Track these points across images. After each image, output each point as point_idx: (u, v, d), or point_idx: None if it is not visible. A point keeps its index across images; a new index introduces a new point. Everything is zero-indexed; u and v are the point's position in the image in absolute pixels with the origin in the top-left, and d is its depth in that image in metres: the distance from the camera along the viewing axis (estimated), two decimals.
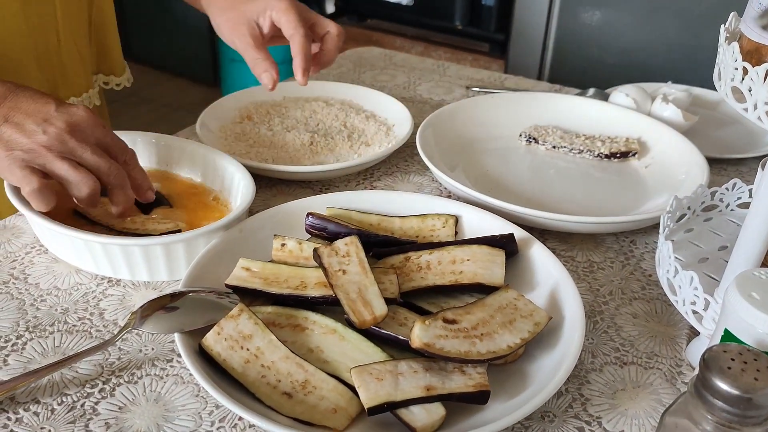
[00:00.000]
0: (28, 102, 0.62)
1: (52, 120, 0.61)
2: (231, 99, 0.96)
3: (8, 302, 0.62)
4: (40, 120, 0.61)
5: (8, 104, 0.62)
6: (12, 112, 0.61)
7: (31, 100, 0.62)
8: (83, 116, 0.63)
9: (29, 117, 0.61)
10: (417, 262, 0.62)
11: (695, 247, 0.67)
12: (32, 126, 0.60)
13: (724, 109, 1.05)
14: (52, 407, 0.52)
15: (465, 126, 0.92)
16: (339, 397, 0.51)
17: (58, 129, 0.60)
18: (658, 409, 0.54)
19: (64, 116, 0.61)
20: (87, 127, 0.62)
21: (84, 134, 0.62)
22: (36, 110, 0.61)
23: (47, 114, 0.61)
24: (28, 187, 0.60)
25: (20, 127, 0.60)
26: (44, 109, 0.61)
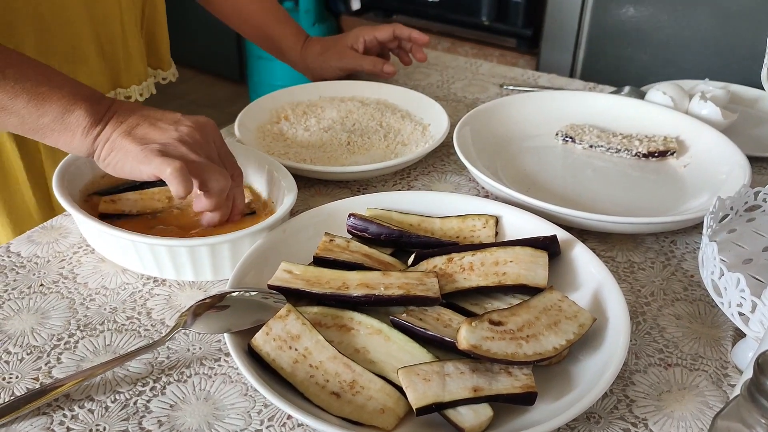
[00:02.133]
0: (156, 111, 0.66)
1: (182, 121, 0.65)
2: (268, 99, 0.97)
3: (59, 301, 0.64)
4: (170, 121, 0.64)
5: (141, 112, 0.65)
6: (144, 117, 0.64)
7: (159, 110, 0.66)
8: (209, 122, 0.67)
9: (160, 120, 0.64)
10: (460, 263, 0.62)
11: (738, 248, 0.67)
12: (164, 125, 0.64)
13: (763, 106, 1.04)
14: (106, 405, 0.54)
15: (501, 125, 0.92)
16: (387, 398, 0.52)
17: (189, 127, 0.64)
18: (705, 412, 0.54)
19: (191, 119, 0.65)
20: (211, 131, 0.66)
21: (208, 136, 0.66)
22: (164, 116, 0.65)
23: (175, 118, 0.65)
24: (170, 167, 0.59)
25: (154, 126, 0.63)
26: (172, 115, 0.65)
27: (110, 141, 0.63)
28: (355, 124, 0.92)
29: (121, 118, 0.64)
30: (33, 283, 0.66)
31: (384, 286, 0.59)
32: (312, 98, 0.99)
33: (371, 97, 1.00)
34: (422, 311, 0.58)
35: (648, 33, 1.60)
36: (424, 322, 0.57)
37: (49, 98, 0.62)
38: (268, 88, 0.97)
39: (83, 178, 0.73)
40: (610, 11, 1.64)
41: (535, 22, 2.02)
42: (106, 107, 0.64)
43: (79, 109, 0.63)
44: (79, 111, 0.63)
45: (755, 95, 1.05)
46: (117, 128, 0.63)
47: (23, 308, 0.63)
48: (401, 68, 1.18)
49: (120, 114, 0.64)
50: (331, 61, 1.03)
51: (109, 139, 0.63)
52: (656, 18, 1.58)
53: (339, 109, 0.95)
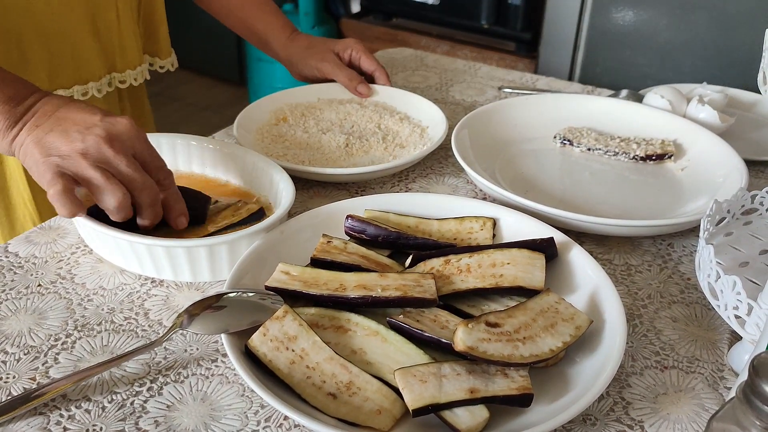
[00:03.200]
0: (76, 112, 0.63)
1: (93, 128, 0.62)
2: (266, 101, 0.97)
3: (57, 301, 0.64)
4: (82, 128, 0.62)
5: (59, 114, 0.63)
6: (59, 121, 0.63)
7: (80, 111, 0.64)
8: (126, 127, 0.63)
9: (74, 125, 0.62)
10: (457, 265, 0.63)
11: (735, 251, 0.67)
12: (74, 133, 0.62)
13: (760, 110, 1.04)
14: (102, 405, 0.54)
15: (499, 128, 0.92)
16: (383, 399, 0.52)
17: (97, 136, 0.61)
18: (701, 414, 0.54)
19: (106, 125, 0.62)
20: (127, 138, 0.63)
21: (123, 145, 0.62)
22: (81, 119, 0.63)
23: (90, 122, 0.62)
24: (52, 189, 0.59)
25: (63, 134, 0.62)
26: (89, 118, 0.63)
27: (23, 146, 0.62)
28: (354, 126, 0.93)
29: (38, 121, 0.63)
30: (31, 283, 0.66)
31: (381, 288, 0.59)
32: (311, 100, 0.99)
33: (369, 100, 1.00)
34: (419, 313, 0.58)
35: (646, 37, 1.60)
36: (421, 323, 0.57)
37: None
38: (268, 91, 0.97)
39: None
40: (608, 15, 1.64)
41: (534, 26, 2.03)
42: (25, 108, 0.64)
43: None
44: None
45: (752, 99, 1.06)
46: (31, 133, 0.62)
47: (21, 308, 0.63)
48: (400, 70, 1.18)
49: (38, 117, 0.63)
50: (312, 59, 1.01)
51: (22, 144, 0.62)
52: (654, 22, 1.58)
53: (337, 111, 0.95)
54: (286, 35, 1.05)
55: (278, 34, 1.05)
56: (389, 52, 1.26)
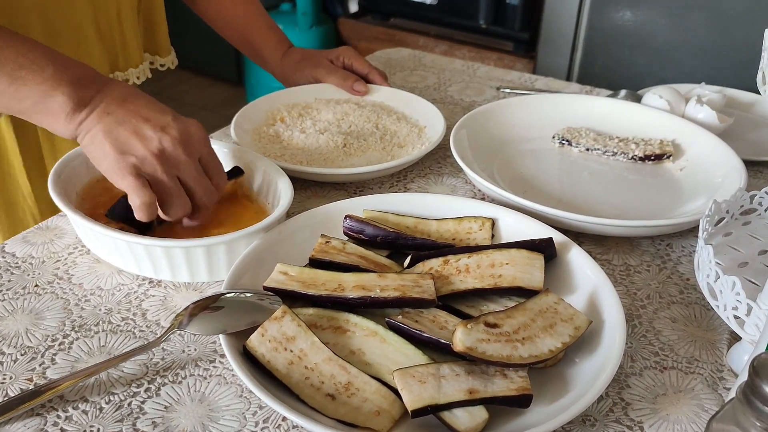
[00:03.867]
0: (147, 108, 0.63)
1: (168, 129, 0.62)
2: (264, 101, 0.97)
3: (54, 302, 0.64)
4: (157, 127, 0.62)
5: (128, 106, 0.62)
6: (131, 114, 0.62)
7: (150, 107, 0.63)
8: (196, 130, 0.64)
9: (147, 123, 0.62)
10: (456, 266, 0.62)
11: (734, 251, 0.67)
12: (148, 132, 0.61)
13: (758, 110, 1.04)
14: (100, 406, 0.54)
15: (498, 128, 0.92)
16: (382, 400, 0.52)
17: (173, 138, 0.62)
18: (700, 415, 0.54)
19: (180, 127, 0.63)
20: (197, 142, 0.64)
21: (192, 149, 0.63)
22: (154, 117, 0.62)
23: (165, 122, 0.62)
24: (140, 200, 0.61)
25: (138, 131, 0.61)
26: (162, 117, 0.62)
27: (92, 133, 0.61)
28: (351, 126, 0.92)
29: (108, 108, 0.62)
30: (28, 283, 0.66)
31: (380, 288, 0.59)
32: (308, 100, 0.99)
33: (367, 100, 1.00)
34: (418, 313, 0.58)
35: (644, 37, 1.61)
36: (420, 324, 0.57)
37: (28, 82, 0.61)
38: (265, 91, 0.97)
39: (80, 179, 0.73)
40: (606, 15, 1.64)
41: (532, 26, 2.03)
42: (94, 91, 0.63)
43: (61, 94, 0.61)
44: (60, 96, 0.61)
45: (751, 99, 1.06)
46: (101, 120, 0.61)
47: (17, 309, 0.63)
48: (398, 70, 1.18)
49: (107, 104, 0.62)
50: (306, 68, 1.03)
51: (90, 131, 0.61)
52: (653, 22, 1.58)
53: (335, 111, 0.95)
54: (281, 51, 1.06)
55: (274, 51, 1.06)
56: (387, 52, 1.26)
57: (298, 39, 2.53)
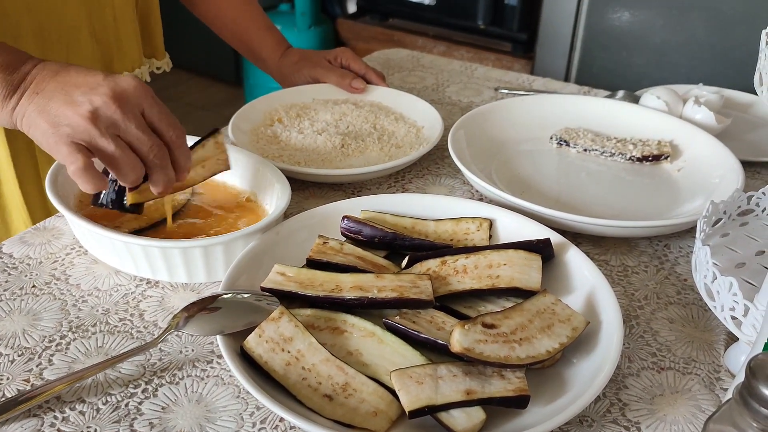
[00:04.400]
0: (77, 75, 0.60)
1: (99, 88, 0.59)
2: (261, 101, 0.97)
3: (51, 302, 0.64)
4: (86, 89, 0.59)
5: (59, 78, 0.60)
6: (60, 86, 0.60)
7: (80, 74, 0.60)
8: (131, 85, 0.60)
9: (77, 88, 0.59)
10: (453, 266, 0.62)
11: (731, 252, 0.67)
12: (78, 96, 0.58)
13: (756, 111, 1.04)
14: (97, 407, 0.53)
15: (496, 128, 0.92)
16: (379, 400, 0.52)
17: (103, 96, 0.58)
18: (697, 416, 0.54)
19: (111, 84, 0.59)
20: (134, 96, 0.60)
21: (130, 104, 0.59)
22: (84, 81, 0.59)
23: (94, 83, 0.59)
24: (73, 165, 0.57)
25: (67, 99, 0.58)
26: (92, 79, 0.59)
27: (26, 117, 0.60)
28: (349, 127, 0.92)
29: (38, 87, 0.60)
30: (25, 284, 0.66)
31: (377, 289, 0.59)
32: (305, 101, 0.99)
33: (365, 100, 1.00)
34: (415, 314, 0.58)
35: (642, 38, 1.61)
36: (418, 324, 0.57)
37: None
38: (264, 91, 0.97)
39: None
40: (604, 16, 1.65)
41: (530, 27, 2.03)
42: (23, 75, 0.61)
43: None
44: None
45: (749, 100, 1.06)
46: (32, 101, 0.59)
47: (15, 309, 0.63)
48: (397, 71, 1.18)
49: (37, 83, 0.60)
50: (304, 69, 1.03)
51: (24, 114, 0.60)
52: (651, 23, 1.58)
53: (333, 112, 0.95)
54: (279, 52, 1.07)
55: (272, 52, 1.07)
56: (386, 53, 1.26)
57: (297, 39, 2.53)
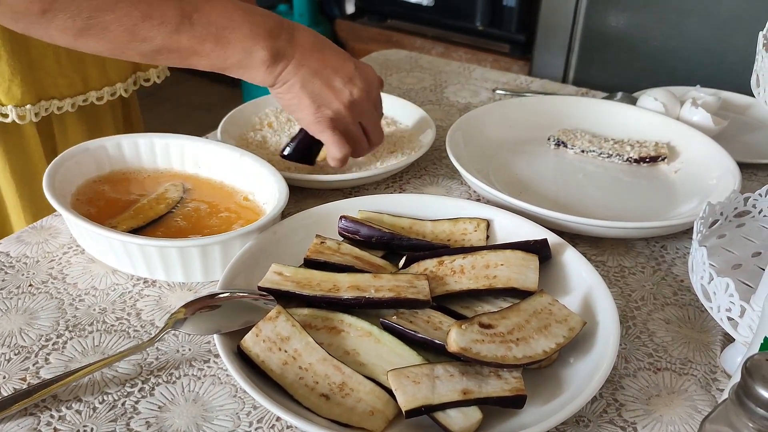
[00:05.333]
0: (333, 56, 0.69)
1: (355, 80, 0.70)
2: (251, 106, 0.95)
3: (48, 301, 0.63)
4: (345, 79, 0.69)
5: (317, 56, 0.69)
6: (321, 65, 0.69)
7: (335, 55, 0.70)
8: (374, 76, 0.72)
9: (336, 74, 0.69)
10: (451, 266, 0.63)
11: (728, 253, 0.67)
12: (339, 84, 0.69)
13: (753, 113, 1.05)
14: (93, 406, 0.53)
15: (493, 129, 0.92)
16: (376, 400, 0.52)
17: (359, 91, 0.70)
18: (693, 416, 0.54)
19: (363, 76, 0.70)
20: (375, 88, 0.72)
21: (372, 95, 0.72)
22: (340, 67, 0.69)
23: (351, 73, 0.69)
24: (341, 153, 0.72)
25: (329, 83, 0.69)
26: (347, 66, 0.69)
27: (289, 84, 0.69)
28: None
29: (302, 59, 0.68)
30: (22, 283, 0.66)
31: (375, 289, 0.59)
32: None
33: None
34: (413, 314, 0.58)
35: (640, 40, 1.61)
36: (415, 324, 0.57)
37: (232, 41, 0.65)
38: (261, 92, 0.96)
39: (74, 180, 0.73)
40: (602, 18, 1.65)
41: (528, 28, 2.03)
42: (285, 41, 0.68)
43: (260, 49, 0.66)
44: (259, 51, 0.66)
45: (746, 102, 1.06)
46: (297, 73, 0.68)
47: (11, 308, 0.62)
48: (395, 72, 1.18)
49: (301, 54, 0.68)
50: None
51: (288, 81, 0.69)
52: (649, 25, 1.59)
53: None
54: None
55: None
56: (384, 54, 1.26)
57: None
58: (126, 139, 0.77)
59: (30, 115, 0.81)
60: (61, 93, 0.83)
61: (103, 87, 0.88)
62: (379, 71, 1.17)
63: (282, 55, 0.67)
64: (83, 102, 0.86)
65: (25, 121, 0.81)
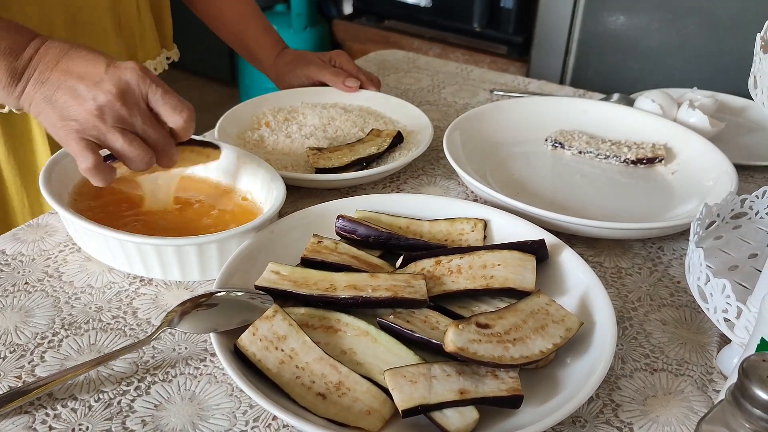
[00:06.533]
0: (80, 64, 0.61)
1: (102, 84, 0.60)
2: (248, 105, 0.95)
3: (43, 299, 0.63)
4: (91, 84, 0.60)
5: (61, 67, 0.61)
6: (65, 76, 0.61)
7: (83, 62, 0.61)
8: (133, 75, 0.61)
9: (81, 81, 0.60)
10: (448, 266, 0.62)
11: (724, 254, 0.67)
12: (83, 91, 0.60)
13: (750, 115, 1.05)
14: (89, 404, 0.53)
15: (491, 130, 0.92)
16: (373, 399, 0.52)
17: (108, 94, 0.60)
18: (690, 417, 0.55)
19: (114, 79, 0.60)
20: (137, 87, 0.61)
21: (134, 97, 0.61)
22: (87, 73, 0.61)
23: (98, 77, 0.60)
24: (84, 164, 0.60)
25: (72, 92, 0.60)
26: (95, 71, 0.61)
27: (34, 104, 0.62)
28: (338, 131, 0.92)
29: (42, 76, 0.61)
30: (17, 281, 0.65)
31: (372, 288, 0.59)
32: (294, 104, 0.98)
33: (353, 104, 0.99)
34: (410, 313, 0.58)
35: (637, 41, 1.61)
36: (412, 324, 0.57)
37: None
38: (259, 91, 0.97)
39: (71, 178, 0.73)
40: (600, 19, 1.65)
41: (526, 29, 2.03)
42: (26, 61, 0.62)
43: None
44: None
45: (743, 104, 1.06)
46: (38, 90, 0.61)
47: (7, 306, 0.62)
48: (392, 72, 1.18)
49: (41, 71, 0.61)
50: (298, 68, 1.04)
51: (32, 102, 0.62)
52: (646, 27, 1.59)
53: (321, 116, 0.94)
54: (275, 53, 1.07)
55: (268, 53, 1.07)
56: (381, 54, 1.26)
57: (293, 40, 2.52)
58: None
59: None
60: None
61: None
62: (377, 72, 1.18)
63: (20, 75, 0.62)
64: None
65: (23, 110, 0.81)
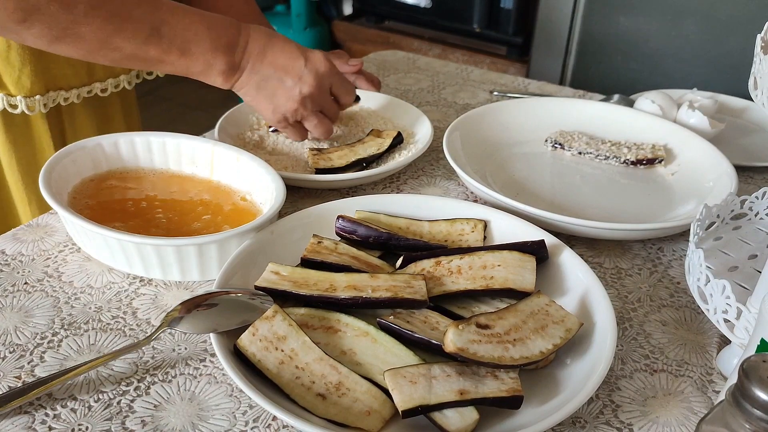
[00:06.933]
0: (282, 57, 0.76)
1: (305, 77, 0.77)
2: (248, 105, 0.95)
3: (43, 299, 0.63)
4: (296, 78, 0.76)
5: (268, 59, 0.76)
6: (272, 68, 0.76)
7: (284, 55, 0.76)
8: (325, 68, 0.78)
9: (287, 74, 0.76)
10: (448, 267, 0.62)
11: (724, 255, 0.68)
12: (290, 84, 0.77)
13: (749, 116, 1.05)
14: (89, 404, 0.53)
15: (491, 130, 0.92)
16: (373, 400, 0.52)
17: (309, 87, 0.77)
18: (689, 417, 0.54)
19: (312, 71, 0.77)
20: (326, 77, 0.79)
21: (324, 86, 0.79)
22: (290, 66, 0.76)
23: (300, 70, 0.76)
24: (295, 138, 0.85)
25: (281, 83, 0.77)
26: (297, 65, 0.76)
27: (246, 90, 0.77)
28: (337, 132, 0.92)
29: (254, 66, 0.75)
30: (17, 281, 0.65)
31: (372, 289, 0.59)
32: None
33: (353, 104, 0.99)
34: (410, 314, 0.58)
35: (637, 42, 1.61)
36: (412, 324, 0.57)
37: (195, 53, 0.71)
38: None
39: (71, 178, 0.73)
40: (600, 20, 1.65)
41: (526, 30, 2.03)
42: (241, 54, 0.75)
43: (219, 62, 0.73)
44: (218, 63, 0.73)
45: (742, 105, 1.06)
46: (251, 80, 0.76)
47: (7, 306, 0.62)
48: (392, 73, 1.18)
49: (253, 63, 0.75)
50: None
51: (244, 88, 0.77)
52: (646, 27, 1.59)
53: None
54: None
55: None
56: (381, 54, 1.26)
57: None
58: (123, 138, 0.77)
59: (39, 105, 0.82)
60: (68, 83, 0.84)
61: (107, 78, 0.88)
62: (377, 72, 1.18)
63: (237, 66, 0.75)
64: (88, 94, 0.87)
65: (34, 111, 0.82)
